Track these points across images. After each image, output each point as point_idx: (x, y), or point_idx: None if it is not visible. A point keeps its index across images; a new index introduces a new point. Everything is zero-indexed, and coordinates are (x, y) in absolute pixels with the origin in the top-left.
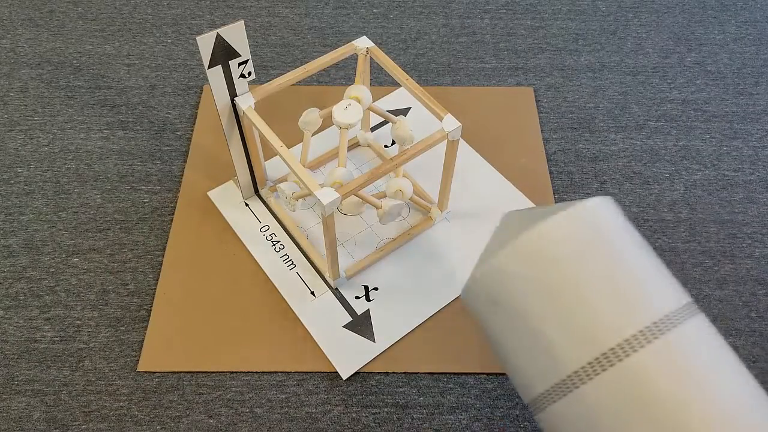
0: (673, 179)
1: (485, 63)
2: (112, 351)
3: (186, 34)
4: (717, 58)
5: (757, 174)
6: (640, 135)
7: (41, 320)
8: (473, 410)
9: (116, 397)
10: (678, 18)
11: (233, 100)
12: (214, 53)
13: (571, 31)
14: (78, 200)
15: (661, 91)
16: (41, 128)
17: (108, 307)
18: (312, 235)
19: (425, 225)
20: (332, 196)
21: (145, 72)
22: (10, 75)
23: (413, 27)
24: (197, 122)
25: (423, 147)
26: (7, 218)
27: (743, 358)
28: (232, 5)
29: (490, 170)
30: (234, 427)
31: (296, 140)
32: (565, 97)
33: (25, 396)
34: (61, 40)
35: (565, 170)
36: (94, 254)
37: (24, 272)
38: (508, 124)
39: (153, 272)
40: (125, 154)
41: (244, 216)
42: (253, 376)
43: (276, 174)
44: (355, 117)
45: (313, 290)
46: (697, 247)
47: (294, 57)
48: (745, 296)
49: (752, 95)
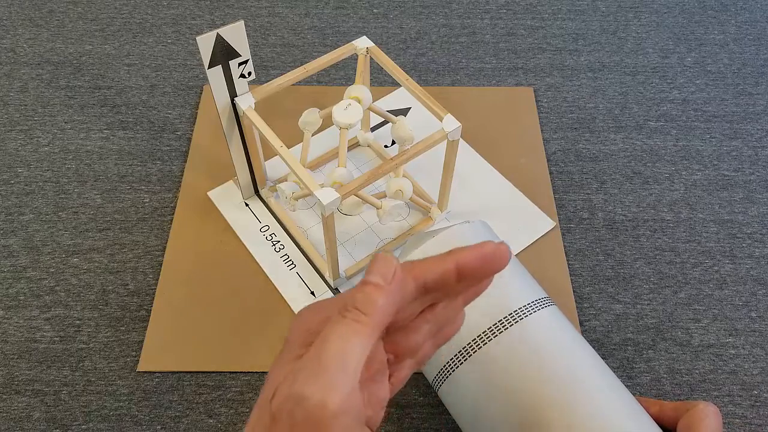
0: (673, 179)
1: (485, 63)
2: (112, 351)
3: (186, 34)
4: (717, 58)
5: (757, 174)
6: (640, 135)
7: (41, 320)
8: None
9: (116, 397)
10: (678, 18)
11: (233, 100)
12: (214, 53)
13: (571, 31)
14: (78, 200)
15: (661, 91)
16: (41, 128)
17: (108, 307)
18: (312, 235)
19: (425, 225)
20: (332, 196)
21: (145, 72)
22: (10, 75)
23: (413, 27)
24: (197, 122)
25: (423, 147)
26: (7, 218)
27: (743, 358)
28: (232, 5)
29: (490, 170)
30: (234, 427)
31: (296, 140)
32: (565, 97)
33: (25, 396)
34: (61, 40)
35: (565, 170)
36: (94, 254)
37: (24, 272)
38: (508, 124)
39: (153, 272)
40: (125, 154)
41: (244, 216)
42: (253, 376)
43: (276, 174)
44: (355, 117)
45: (313, 290)
46: (697, 247)
47: (294, 57)
48: (745, 296)
49: (752, 95)
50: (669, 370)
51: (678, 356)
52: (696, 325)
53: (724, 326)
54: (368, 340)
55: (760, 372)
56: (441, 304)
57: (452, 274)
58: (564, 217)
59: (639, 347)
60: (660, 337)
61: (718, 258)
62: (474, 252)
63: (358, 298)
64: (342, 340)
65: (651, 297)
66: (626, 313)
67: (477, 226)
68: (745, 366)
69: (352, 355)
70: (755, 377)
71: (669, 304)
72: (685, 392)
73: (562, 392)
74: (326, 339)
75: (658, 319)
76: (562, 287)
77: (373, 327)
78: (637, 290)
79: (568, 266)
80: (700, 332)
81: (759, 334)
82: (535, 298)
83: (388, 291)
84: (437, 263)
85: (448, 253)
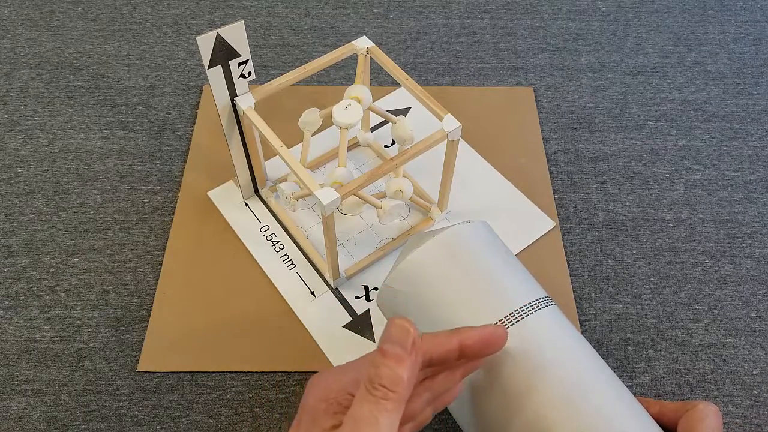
0: (673, 179)
1: (485, 63)
2: (112, 351)
3: (186, 34)
4: (717, 58)
5: (757, 174)
6: (640, 135)
7: (41, 320)
8: None
9: (116, 397)
10: (678, 18)
11: (233, 100)
12: (214, 53)
13: (571, 31)
14: (78, 200)
15: (661, 91)
16: (41, 128)
17: (108, 307)
18: (312, 235)
19: (425, 225)
20: (332, 196)
21: (145, 72)
22: (10, 75)
23: (413, 27)
24: (197, 122)
25: (423, 147)
26: (7, 218)
27: (743, 358)
28: (232, 5)
29: (490, 170)
30: (234, 427)
31: (296, 140)
32: (565, 97)
33: (25, 396)
34: (61, 40)
35: (565, 170)
36: (94, 254)
37: (24, 272)
38: (508, 124)
39: (153, 272)
40: (125, 154)
41: (244, 216)
42: (253, 376)
43: (276, 174)
44: (355, 117)
45: (313, 290)
46: (697, 247)
47: (294, 57)
48: (745, 296)
49: (752, 95)
50: (669, 370)
51: (678, 356)
52: (696, 325)
53: (724, 326)
54: (396, 416)
55: (760, 372)
56: (441, 374)
57: (455, 353)
58: (564, 217)
59: (639, 347)
60: (660, 337)
61: (718, 258)
62: (477, 334)
63: (384, 375)
64: (374, 423)
65: (651, 297)
66: (626, 313)
67: (478, 226)
68: (745, 366)
69: None
70: (755, 377)
71: (669, 304)
72: (685, 392)
73: (565, 393)
74: (358, 420)
75: (658, 319)
76: (562, 287)
77: (400, 402)
78: (637, 290)
79: (568, 266)
80: (700, 332)
81: (759, 334)
82: (536, 298)
83: (410, 364)
84: (442, 342)
85: (453, 332)
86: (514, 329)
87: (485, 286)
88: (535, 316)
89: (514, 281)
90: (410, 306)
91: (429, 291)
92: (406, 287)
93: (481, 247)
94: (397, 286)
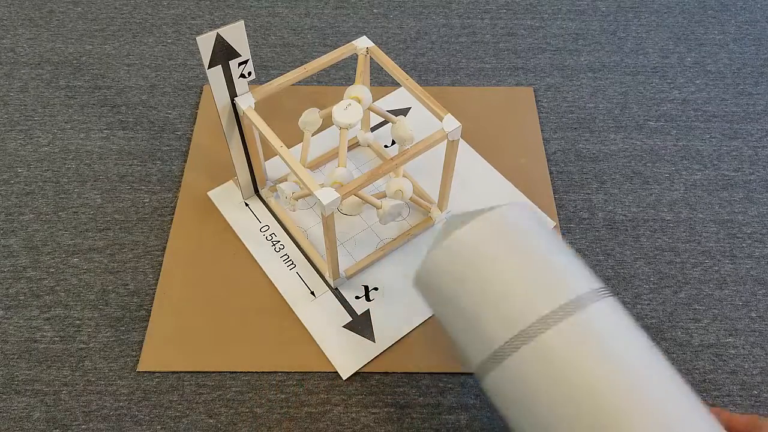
0: (673, 179)
1: (485, 63)
2: (112, 351)
3: (186, 34)
4: (717, 58)
5: (757, 174)
6: (640, 135)
7: (41, 320)
8: (473, 410)
9: (116, 397)
10: (678, 18)
11: (233, 100)
12: (214, 53)
13: (571, 31)
14: (78, 200)
15: (661, 91)
16: (41, 128)
17: (108, 307)
18: (312, 235)
19: (425, 225)
20: (332, 196)
21: (145, 72)
22: (10, 75)
23: (413, 27)
24: (197, 122)
25: (423, 147)
26: (7, 218)
27: (743, 358)
28: (232, 5)
29: (490, 170)
30: (234, 427)
31: (296, 140)
32: (565, 97)
33: (25, 396)
34: (61, 40)
35: (565, 170)
36: (94, 254)
37: (24, 272)
38: (508, 124)
39: (153, 272)
40: (125, 154)
41: (244, 216)
42: (253, 376)
43: (276, 174)
44: (355, 117)
45: (313, 290)
46: (697, 247)
47: (294, 57)
48: (745, 296)
49: (752, 95)
50: None
51: (678, 356)
52: (696, 325)
53: (724, 326)
54: None
55: (760, 372)
56: None
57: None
58: (564, 217)
59: None
60: (660, 337)
61: (718, 258)
62: None
63: None
64: None
65: (651, 297)
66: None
67: (525, 207)
68: (745, 366)
69: None
70: (755, 377)
71: (669, 304)
72: None
73: (635, 384)
74: None
75: (658, 319)
76: None
77: None
78: (637, 290)
79: None
80: (700, 332)
81: (759, 334)
82: (596, 287)
83: None
84: None
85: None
86: (576, 318)
87: (537, 272)
88: (598, 305)
89: (570, 266)
90: (454, 285)
91: (481, 271)
92: (450, 266)
93: (530, 230)
94: (441, 265)
